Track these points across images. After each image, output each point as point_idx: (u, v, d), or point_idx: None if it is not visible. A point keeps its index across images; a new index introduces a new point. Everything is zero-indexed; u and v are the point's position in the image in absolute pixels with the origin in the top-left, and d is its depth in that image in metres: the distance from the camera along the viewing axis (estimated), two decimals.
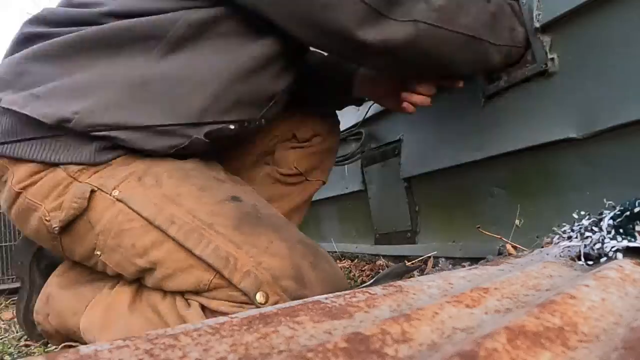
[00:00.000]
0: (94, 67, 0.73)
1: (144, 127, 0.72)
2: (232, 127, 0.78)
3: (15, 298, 1.01)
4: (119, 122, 0.72)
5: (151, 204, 0.70)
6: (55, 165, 0.73)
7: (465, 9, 0.76)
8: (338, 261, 1.71)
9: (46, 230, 0.74)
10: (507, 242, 0.88)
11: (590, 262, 0.49)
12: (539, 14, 0.87)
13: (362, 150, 1.44)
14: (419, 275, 0.92)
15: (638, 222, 0.46)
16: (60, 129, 0.72)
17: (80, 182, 0.73)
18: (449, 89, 0.98)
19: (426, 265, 1.23)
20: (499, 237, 0.93)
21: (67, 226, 0.74)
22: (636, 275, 0.39)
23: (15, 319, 1.19)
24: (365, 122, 1.48)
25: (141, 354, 0.26)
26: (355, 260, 1.64)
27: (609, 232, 0.48)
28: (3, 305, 1.96)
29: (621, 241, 0.46)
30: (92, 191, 0.72)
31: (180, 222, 0.69)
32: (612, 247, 0.46)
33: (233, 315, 0.33)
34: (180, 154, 0.78)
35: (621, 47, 0.77)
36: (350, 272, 1.50)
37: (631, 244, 0.45)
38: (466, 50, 0.79)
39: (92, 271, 0.82)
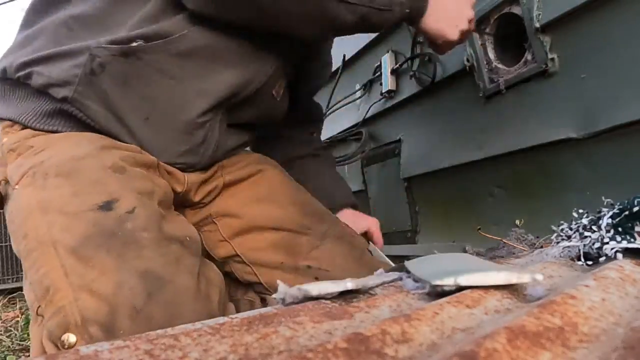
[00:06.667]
0: (39, 23, 0.77)
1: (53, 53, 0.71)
2: (135, 43, 0.71)
3: (15, 297, 1.01)
4: (34, 57, 0.72)
5: (25, 209, 0.65)
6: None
7: None
8: None
9: None
10: (508, 243, 0.88)
11: (589, 262, 0.49)
12: (539, 14, 0.87)
13: (363, 150, 1.44)
14: None
15: (638, 222, 0.46)
16: (5, 83, 0.76)
17: (2, 146, 0.74)
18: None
19: None
20: (499, 238, 0.93)
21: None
22: (636, 276, 0.39)
23: (17, 319, 1.19)
24: (366, 122, 1.48)
25: (141, 354, 0.26)
26: None
27: (607, 232, 0.48)
28: (2, 304, 1.96)
29: (620, 242, 0.46)
30: (6, 181, 0.71)
31: (33, 234, 0.63)
32: (612, 249, 0.46)
33: (233, 316, 0.33)
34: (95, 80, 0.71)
35: (621, 47, 0.77)
36: None
37: (630, 245, 0.45)
38: (296, 3, 0.69)
39: None
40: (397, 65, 1.30)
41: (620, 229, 0.47)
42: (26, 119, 0.74)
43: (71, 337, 0.56)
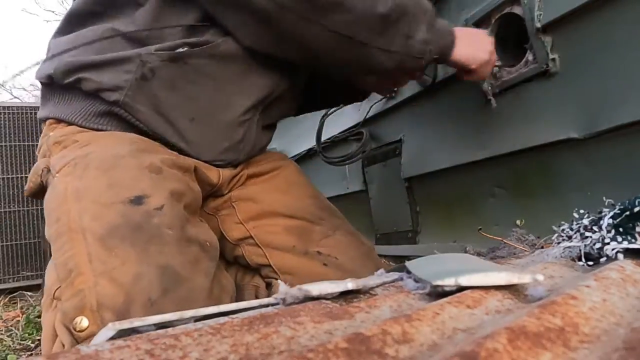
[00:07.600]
0: (76, 32, 0.81)
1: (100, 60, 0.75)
2: (181, 49, 0.75)
3: (16, 297, 1.01)
4: (79, 64, 0.76)
5: (61, 195, 0.68)
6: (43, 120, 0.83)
7: (347, 6, 0.70)
8: None
9: None
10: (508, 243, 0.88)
11: (590, 263, 0.49)
12: (540, 14, 0.86)
13: (364, 150, 1.44)
14: None
15: (639, 222, 0.46)
16: (52, 87, 0.81)
17: (48, 139, 0.78)
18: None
19: None
20: (500, 238, 0.93)
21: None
22: (637, 276, 0.39)
23: (18, 318, 1.19)
24: (367, 122, 1.48)
25: (142, 354, 0.26)
26: None
27: (608, 232, 0.48)
28: (2, 304, 1.96)
29: (621, 242, 0.46)
30: (48, 170, 0.75)
31: (64, 219, 0.65)
32: (613, 249, 0.46)
33: (234, 316, 0.33)
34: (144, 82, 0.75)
35: (622, 48, 0.77)
36: None
37: (631, 246, 0.45)
38: (343, 50, 0.75)
39: None
40: None
41: (621, 230, 0.47)
42: (75, 118, 0.79)
43: (84, 321, 0.57)
